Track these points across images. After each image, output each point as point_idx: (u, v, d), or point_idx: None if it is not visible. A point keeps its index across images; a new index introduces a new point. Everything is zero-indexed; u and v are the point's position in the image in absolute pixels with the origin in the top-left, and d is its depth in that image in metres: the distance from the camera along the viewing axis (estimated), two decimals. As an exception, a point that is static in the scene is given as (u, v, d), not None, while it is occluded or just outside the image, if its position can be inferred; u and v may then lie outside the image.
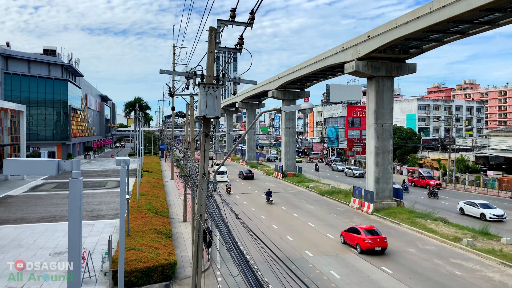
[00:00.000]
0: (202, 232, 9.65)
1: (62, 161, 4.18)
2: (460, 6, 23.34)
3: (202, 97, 9.37)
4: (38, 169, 4.12)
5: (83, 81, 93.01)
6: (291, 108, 10.35)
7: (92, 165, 68.61)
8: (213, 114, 9.42)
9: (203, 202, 9.87)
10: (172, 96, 20.05)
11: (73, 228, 4.26)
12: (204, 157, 9.84)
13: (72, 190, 4.21)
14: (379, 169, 35.18)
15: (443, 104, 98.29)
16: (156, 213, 27.79)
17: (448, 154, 57.96)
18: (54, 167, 4.11)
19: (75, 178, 4.22)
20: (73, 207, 4.22)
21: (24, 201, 35.63)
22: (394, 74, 34.96)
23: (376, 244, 22.44)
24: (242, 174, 56.81)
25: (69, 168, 4.22)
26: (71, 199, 4.22)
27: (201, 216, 9.78)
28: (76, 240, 4.30)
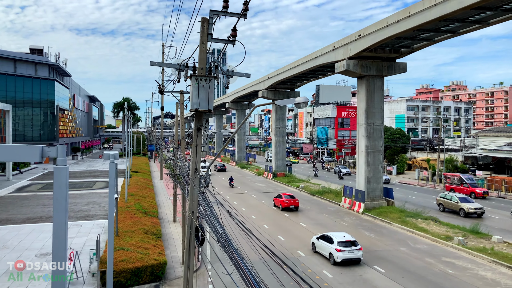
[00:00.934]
0: (195, 229, 9.33)
1: (46, 147, 3.86)
2: (451, 4, 23.33)
3: (194, 90, 9.07)
4: (20, 155, 3.79)
5: (71, 81, 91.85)
6: (286, 102, 10.09)
7: (80, 166, 67.68)
8: (206, 107, 9.12)
9: (195, 198, 9.56)
10: (161, 93, 19.63)
11: (58, 221, 3.93)
12: (196, 152, 9.53)
13: (58, 178, 3.89)
14: (369, 169, 35.12)
15: (431, 105, 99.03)
16: (146, 213, 27.35)
17: (437, 155, 58.28)
18: (37, 153, 3.78)
19: (60, 166, 3.90)
20: (59, 196, 3.90)
21: (9, 202, 34.88)
22: (384, 74, 34.95)
23: (290, 204, 34.06)
24: (216, 167, 65.92)
25: (53, 154, 3.89)
26: (56, 188, 3.90)
27: (193, 213, 9.46)
28: (61, 235, 3.97)
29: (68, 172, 3.91)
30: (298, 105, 17.64)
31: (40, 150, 3.80)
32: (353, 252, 20.39)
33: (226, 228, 8.99)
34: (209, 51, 9.74)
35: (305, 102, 9.96)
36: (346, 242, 20.73)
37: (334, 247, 20.49)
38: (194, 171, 9.45)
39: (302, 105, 17.78)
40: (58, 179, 3.88)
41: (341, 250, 20.30)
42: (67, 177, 3.94)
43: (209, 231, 9.37)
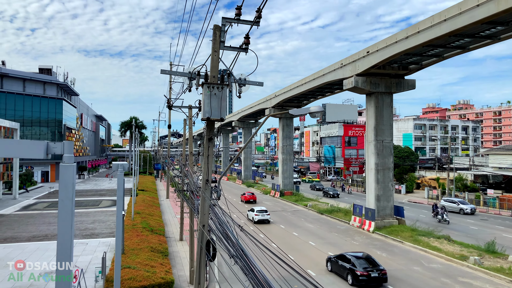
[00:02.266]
0: (206, 243, 8.89)
1: (52, 142, 3.52)
2: (462, 19, 23.12)
3: (206, 98, 8.76)
4: (23, 151, 3.45)
5: (79, 101, 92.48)
6: (300, 111, 9.74)
7: (86, 185, 67.44)
8: (218, 115, 8.81)
9: (206, 211, 9.16)
10: (170, 108, 19.44)
11: (63, 223, 3.57)
12: (207, 162, 9.17)
13: (63, 177, 3.54)
14: (379, 187, 34.51)
15: (439, 124, 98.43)
16: (152, 231, 26.85)
17: (446, 173, 57.48)
18: (42, 149, 3.44)
19: (67, 163, 3.55)
20: (64, 197, 3.54)
21: (15, 220, 34.51)
22: (393, 90, 34.66)
23: (250, 198, 49.17)
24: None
25: (59, 151, 3.55)
26: (61, 188, 3.55)
27: (204, 226, 9.04)
28: (67, 239, 3.60)
29: (75, 170, 3.56)
30: (313, 114, 17.52)
31: (45, 146, 3.47)
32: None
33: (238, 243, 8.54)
34: (220, 59, 9.48)
35: (320, 111, 9.62)
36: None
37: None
38: (205, 183, 9.07)
39: (317, 115, 17.69)
40: (64, 178, 3.53)
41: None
42: (74, 176, 3.58)
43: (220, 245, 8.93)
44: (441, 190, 57.06)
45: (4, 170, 50.52)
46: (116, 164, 8.50)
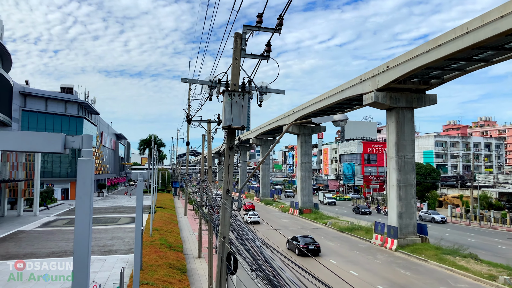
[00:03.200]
0: (227, 256, 8.58)
1: (70, 136, 3.33)
2: (485, 31, 22.68)
3: (227, 106, 8.58)
4: (40, 144, 3.25)
5: (99, 119, 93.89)
6: (323, 119, 9.46)
7: (105, 202, 67.83)
8: (239, 124, 8.59)
9: (227, 222, 8.87)
10: (189, 122, 19.35)
11: (81, 223, 3.34)
12: (228, 172, 8.92)
13: (82, 173, 3.33)
14: (402, 204, 33.68)
15: (460, 141, 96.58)
16: (170, 248, 26.60)
17: (470, 191, 55.99)
18: (59, 142, 3.25)
19: (85, 158, 3.34)
20: (82, 194, 3.32)
21: (35, 236, 34.70)
22: (414, 105, 34.10)
23: (249, 207, 53.06)
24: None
25: (78, 145, 3.35)
26: (79, 184, 3.33)
27: (224, 238, 8.74)
28: (84, 239, 3.37)
29: (94, 166, 3.35)
30: (336, 123, 17.22)
31: (62, 139, 3.27)
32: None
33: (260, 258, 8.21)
34: (241, 67, 9.32)
35: (344, 119, 9.34)
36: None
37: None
38: (226, 193, 8.81)
39: (341, 123, 17.30)
40: (83, 174, 3.32)
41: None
42: (93, 171, 3.37)
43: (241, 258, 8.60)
44: (465, 208, 55.53)
45: (26, 187, 51.17)
46: (136, 173, 8.34)
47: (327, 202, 74.80)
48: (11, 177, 47.68)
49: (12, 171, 48.93)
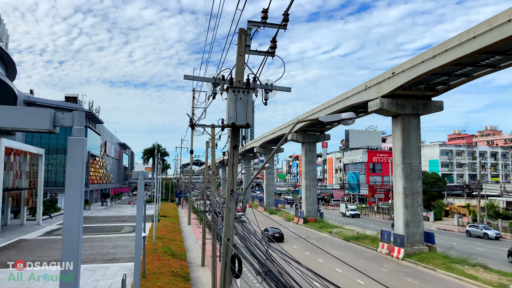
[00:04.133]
0: (231, 258, 8.23)
1: (60, 113, 3.05)
2: (492, 35, 22.40)
3: (231, 103, 8.30)
4: (25, 120, 2.97)
5: (103, 128, 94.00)
6: (331, 117, 9.14)
7: (108, 212, 67.53)
8: (243, 121, 8.31)
9: (231, 224, 8.54)
10: (192, 127, 19.11)
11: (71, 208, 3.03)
12: (232, 172, 8.62)
13: (72, 153, 3.04)
14: (408, 212, 33.16)
15: (466, 150, 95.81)
16: (173, 256, 26.19)
17: (477, 200, 55.28)
18: (47, 119, 2.97)
19: (76, 136, 3.05)
20: (72, 177, 3.03)
21: (37, 244, 34.40)
22: (420, 112, 33.75)
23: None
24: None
25: (68, 122, 3.07)
26: (69, 165, 3.04)
27: (228, 240, 8.40)
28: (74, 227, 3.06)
29: (86, 145, 3.05)
30: (344, 122, 16.85)
31: (51, 116, 3.00)
32: None
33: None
34: (246, 64, 9.05)
35: (352, 118, 9.01)
36: None
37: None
38: (230, 193, 8.48)
39: (349, 122, 17.00)
40: (73, 154, 3.03)
41: None
42: (85, 152, 3.07)
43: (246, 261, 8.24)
44: (472, 217, 54.79)
45: (29, 196, 50.99)
46: (137, 172, 8.04)
47: (350, 215, 67.67)
48: (15, 186, 47.50)
49: (15, 179, 48.77)
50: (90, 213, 63.77)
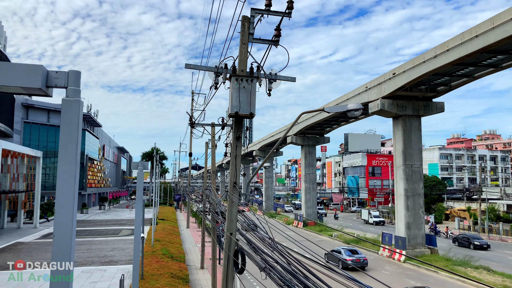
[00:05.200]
0: (234, 253, 7.90)
1: (54, 71, 2.74)
2: (495, 34, 22.19)
3: (234, 92, 8.00)
4: (14, 76, 2.65)
5: (101, 132, 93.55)
6: (336, 108, 8.87)
7: (106, 215, 67.05)
8: (247, 110, 8.00)
9: (234, 217, 8.21)
10: (192, 126, 18.81)
11: (65, 177, 2.72)
12: (235, 164, 8.30)
13: (67, 116, 2.73)
14: (409, 214, 32.84)
15: (465, 153, 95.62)
16: (172, 258, 25.80)
17: (478, 203, 55.03)
18: (39, 76, 2.65)
19: (71, 98, 2.74)
20: (67, 142, 2.72)
21: (34, 247, 33.97)
22: (421, 113, 33.51)
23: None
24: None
25: (62, 82, 2.76)
26: (63, 129, 2.73)
27: (231, 234, 8.08)
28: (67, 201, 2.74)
29: (82, 108, 2.74)
30: (351, 113, 16.26)
31: (43, 74, 2.68)
32: None
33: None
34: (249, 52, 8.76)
35: (359, 108, 8.73)
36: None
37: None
38: (233, 186, 8.17)
39: (356, 113, 16.51)
40: (68, 117, 2.72)
41: None
42: (81, 116, 2.76)
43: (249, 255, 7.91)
44: (473, 221, 54.49)
45: (26, 199, 50.49)
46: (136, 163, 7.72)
47: (373, 222, 61.31)
48: (11, 189, 47.02)
49: (12, 182, 48.30)
50: (88, 217, 63.28)
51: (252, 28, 8.80)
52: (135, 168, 7.90)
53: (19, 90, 2.67)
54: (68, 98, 2.73)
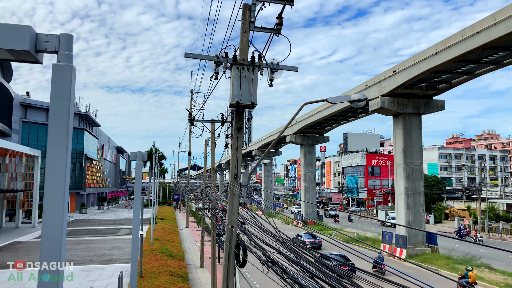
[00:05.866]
0: (235, 246, 7.69)
1: (44, 34, 2.53)
2: (497, 30, 22.02)
3: (235, 80, 7.79)
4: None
5: (100, 132, 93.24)
6: (340, 99, 8.66)
7: (105, 215, 66.78)
8: (248, 100, 7.80)
9: (235, 210, 8.00)
10: (191, 122, 18.62)
11: (55, 146, 2.50)
12: (236, 155, 8.09)
13: (58, 83, 2.51)
14: (410, 212, 32.67)
15: (465, 153, 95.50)
16: (171, 256, 25.59)
17: (477, 203, 54.89)
18: (27, 37, 2.43)
19: (63, 63, 2.53)
20: (57, 110, 2.50)
21: (32, 246, 33.72)
22: (422, 111, 33.34)
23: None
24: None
25: (53, 47, 2.54)
26: (54, 98, 2.51)
27: (233, 227, 7.86)
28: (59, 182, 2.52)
29: (75, 75, 2.53)
30: (354, 103, 15.96)
31: (32, 36, 2.47)
32: None
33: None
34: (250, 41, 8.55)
35: (363, 99, 8.51)
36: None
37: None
38: (234, 177, 7.95)
39: (360, 103, 16.26)
40: (59, 83, 2.50)
41: None
42: (73, 84, 2.54)
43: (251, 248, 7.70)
44: (473, 220, 54.35)
45: (24, 198, 50.22)
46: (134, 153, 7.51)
47: (393, 224, 51.83)
48: (10, 188, 46.74)
49: (11, 181, 48.03)
50: (86, 216, 62.99)
51: (253, 17, 8.60)
52: (133, 158, 7.70)
53: (4, 53, 2.45)
54: (59, 64, 2.51)
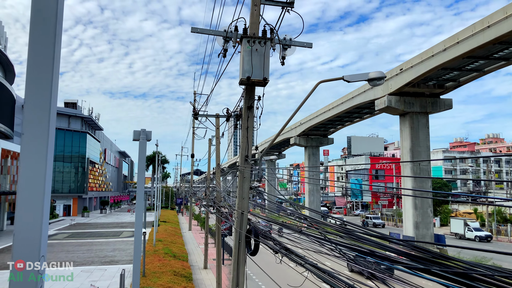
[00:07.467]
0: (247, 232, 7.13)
1: None
2: (508, 24, 21.50)
3: (246, 54, 7.25)
4: None
5: (103, 136, 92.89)
6: (357, 77, 8.11)
7: (107, 218, 66.26)
8: (260, 76, 7.25)
9: (246, 195, 7.45)
10: (195, 117, 18.10)
11: (33, 113, 1.96)
12: (246, 136, 7.55)
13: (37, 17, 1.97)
14: (418, 213, 32.00)
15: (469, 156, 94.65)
16: (175, 257, 25.02)
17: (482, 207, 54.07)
18: None
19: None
20: (36, 51, 1.96)
21: (33, 248, 33.18)
22: (429, 110, 32.75)
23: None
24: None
25: None
26: (34, 27, 1.98)
27: (243, 213, 7.30)
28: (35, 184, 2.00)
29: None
30: (373, 82, 15.49)
31: None
32: None
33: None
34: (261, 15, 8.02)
35: (381, 77, 7.96)
36: None
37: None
38: (245, 159, 7.40)
39: (378, 82, 15.80)
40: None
41: None
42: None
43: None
44: (480, 222, 53.53)
45: (26, 201, 49.55)
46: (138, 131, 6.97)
47: (477, 238, 44.28)
48: (12, 190, 46.28)
49: (12, 184, 47.59)
50: (88, 220, 62.47)
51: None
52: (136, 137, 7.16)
53: None
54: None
